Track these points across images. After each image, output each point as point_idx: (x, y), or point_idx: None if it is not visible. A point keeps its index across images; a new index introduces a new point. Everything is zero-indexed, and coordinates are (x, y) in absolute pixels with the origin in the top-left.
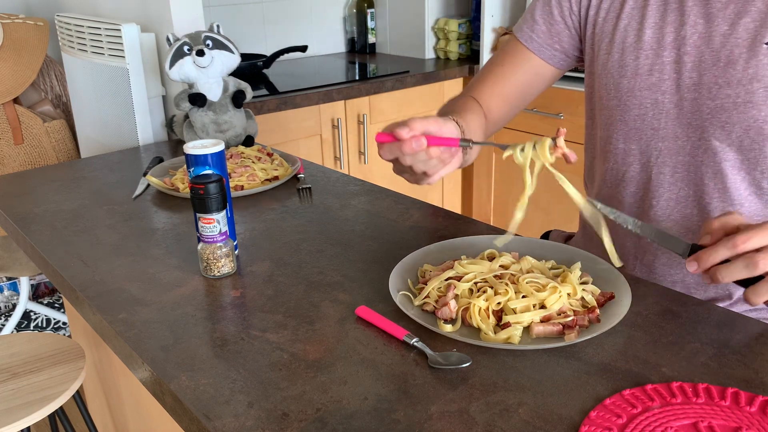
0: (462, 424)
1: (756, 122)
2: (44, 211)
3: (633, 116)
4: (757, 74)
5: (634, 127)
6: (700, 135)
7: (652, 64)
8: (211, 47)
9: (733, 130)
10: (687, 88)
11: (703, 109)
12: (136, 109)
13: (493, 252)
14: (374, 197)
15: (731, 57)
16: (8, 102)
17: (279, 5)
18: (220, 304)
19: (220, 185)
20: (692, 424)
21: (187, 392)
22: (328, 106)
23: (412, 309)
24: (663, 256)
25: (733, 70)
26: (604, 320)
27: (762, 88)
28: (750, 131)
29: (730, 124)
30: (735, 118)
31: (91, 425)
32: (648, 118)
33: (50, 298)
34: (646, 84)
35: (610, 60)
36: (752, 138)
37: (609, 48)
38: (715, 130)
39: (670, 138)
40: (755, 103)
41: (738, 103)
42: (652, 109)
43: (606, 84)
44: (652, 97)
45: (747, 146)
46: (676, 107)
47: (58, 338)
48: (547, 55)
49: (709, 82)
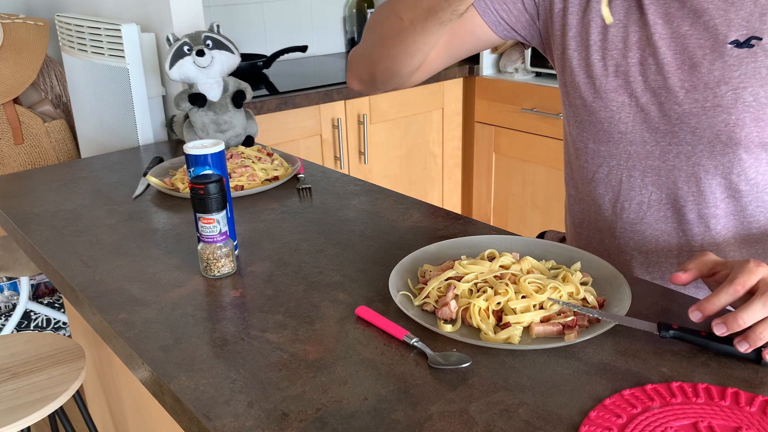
0: (462, 424)
1: (727, 126)
2: (44, 211)
3: (600, 118)
4: (724, 76)
5: (602, 129)
6: (669, 140)
7: (618, 65)
8: (211, 47)
9: (704, 135)
10: (652, 91)
11: (671, 114)
12: (136, 109)
13: (494, 252)
14: (374, 197)
15: (694, 59)
16: (8, 102)
17: (279, 5)
18: (220, 304)
19: (220, 185)
20: (692, 424)
21: (187, 392)
22: (328, 106)
23: (412, 309)
24: (662, 255)
25: (698, 73)
26: (603, 320)
27: (730, 91)
28: (721, 135)
29: (700, 129)
30: (704, 123)
31: (91, 425)
32: (615, 120)
33: (50, 298)
34: (612, 86)
35: (577, 58)
36: (724, 143)
37: (576, 45)
38: (685, 135)
39: (638, 142)
40: (724, 106)
41: (706, 108)
42: (619, 111)
43: (573, 83)
44: (619, 99)
45: (720, 151)
46: (642, 111)
47: (58, 338)
48: (491, 19)
49: (675, 86)
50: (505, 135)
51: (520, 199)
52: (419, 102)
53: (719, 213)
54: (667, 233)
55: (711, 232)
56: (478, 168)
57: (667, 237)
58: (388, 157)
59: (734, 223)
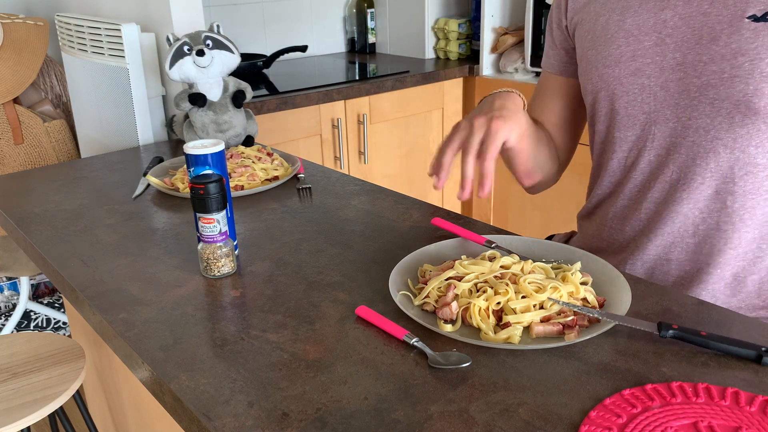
0: (462, 424)
1: (745, 96)
2: (44, 211)
3: (623, 104)
4: (741, 48)
5: (627, 114)
6: (689, 114)
7: (634, 51)
8: (211, 47)
9: (723, 106)
10: (671, 69)
11: (690, 87)
12: (136, 109)
13: (494, 253)
14: (374, 197)
15: (713, 33)
16: (8, 102)
17: (279, 5)
18: (220, 304)
19: (220, 185)
20: (692, 424)
21: (187, 392)
22: (328, 106)
23: (412, 309)
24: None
25: (716, 46)
26: (603, 320)
27: (747, 62)
28: (740, 106)
29: (718, 99)
30: (723, 93)
31: (91, 425)
32: (638, 103)
33: (50, 298)
34: (629, 70)
35: (594, 52)
36: (743, 113)
37: (593, 43)
38: (704, 107)
39: (662, 121)
40: (741, 77)
41: (724, 78)
42: (640, 94)
43: (592, 77)
44: (638, 82)
45: (738, 122)
46: (662, 89)
47: (58, 338)
48: (571, 71)
49: (694, 60)
50: None
51: (520, 199)
52: (419, 102)
53: (737, 190)
54: (684, 213)
55: (727, 210)
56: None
57: (683, 217)
58: (388, 157)
59: (751, 202)
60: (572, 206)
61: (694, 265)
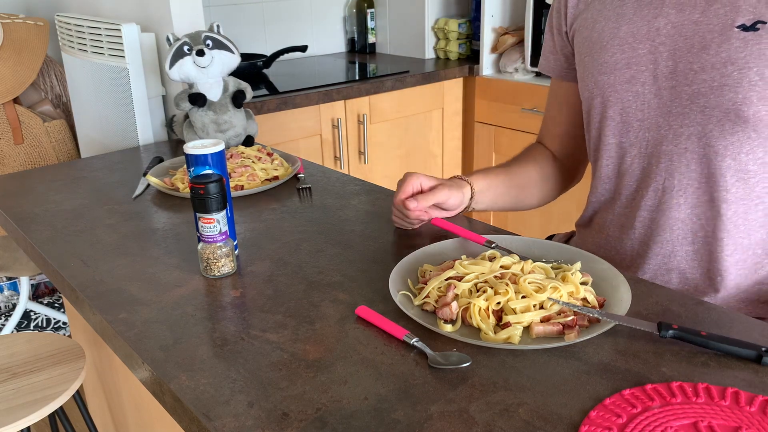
0: (462, 424)
1: (734, 105)
2: (44, 211)
3: (617, 110)
4: (730, 57)
5: (621, 121)
6: (681, 122)
7: (629, 58)
8: (211, 47)
9: (713, 114)
10: (664, 77)
11: (681, 95)
12: (136, 109)
13: (494, 253)
14: (374, 197)
15: (704, 42)
16: (8, 102)
17: (279, 5)
18: (220, 304)
19: (220, 185)
20: (692, 424)
21: (187, 392)
22: (328, 106)
23: (412, 309)
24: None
25: (707, 54)
26: (603, 320)
27: (736, 71)
28: (729, 114)
29: (709, 108)
30: (713, 101)
31: (91, 425)
32: (632, 110)
33: (50, 298)
34: (624, 78)
35: (590, 59)
36: (733, 121)
37: (589, 50)
38: (696, 115)
39: (654, 128)
40: (731, 85)
41: (714, 87)
42: (634, 101)
43: (588, 83)
44: (632, 90)
45: (729, 130)
46: (656, 97)
47: (58, 338)
48: (572, 76)
49: (685, 68)
50: (505, 135)
51: None
52: (419, 102)
53: (729, 197)
54: (681, 220)
55: (722, 217)
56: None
57: (681, 224)
58: (388, 157)
59: (743, 208)
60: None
61: (695, 273)
